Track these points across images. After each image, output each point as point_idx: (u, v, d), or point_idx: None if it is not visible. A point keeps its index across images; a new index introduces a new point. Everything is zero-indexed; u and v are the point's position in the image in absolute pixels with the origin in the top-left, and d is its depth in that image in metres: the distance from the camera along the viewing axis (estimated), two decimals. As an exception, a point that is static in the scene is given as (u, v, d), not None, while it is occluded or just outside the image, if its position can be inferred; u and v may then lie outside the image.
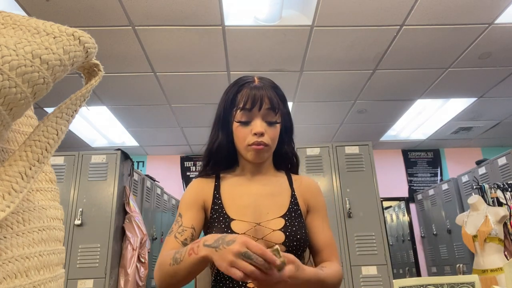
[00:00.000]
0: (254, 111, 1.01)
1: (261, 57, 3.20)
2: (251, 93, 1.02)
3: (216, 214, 1.00)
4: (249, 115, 1.02)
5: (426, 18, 2.77)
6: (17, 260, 0.42)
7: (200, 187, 1.07)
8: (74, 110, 0.47)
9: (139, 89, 3.68)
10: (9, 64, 0.36)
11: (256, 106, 1.01)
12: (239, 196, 1.04)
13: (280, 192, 1.06)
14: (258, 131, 1.00)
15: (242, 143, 1.03)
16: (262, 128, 1.01)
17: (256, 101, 1.01)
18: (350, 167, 3.09)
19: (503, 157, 3.53)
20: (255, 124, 1.01)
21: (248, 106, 1.01)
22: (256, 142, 1.00)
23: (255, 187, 1.06)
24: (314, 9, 2.65)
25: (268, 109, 1.02)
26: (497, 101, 4.15)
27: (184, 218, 1.01)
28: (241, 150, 1.05)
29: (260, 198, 1.03)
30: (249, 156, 1.03)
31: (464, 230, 3.05)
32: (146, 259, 2.96)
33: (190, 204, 1.03)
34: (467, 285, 0.67)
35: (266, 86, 1.05)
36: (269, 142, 1.02)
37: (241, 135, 1.03)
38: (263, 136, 1.01)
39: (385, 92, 3.90)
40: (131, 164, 3.21)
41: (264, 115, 1.02)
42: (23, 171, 0.41)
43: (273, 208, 1.01)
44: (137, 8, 2.58)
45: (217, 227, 0.97)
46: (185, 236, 0.97)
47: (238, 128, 1.03)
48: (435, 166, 5.60)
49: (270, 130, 1.03)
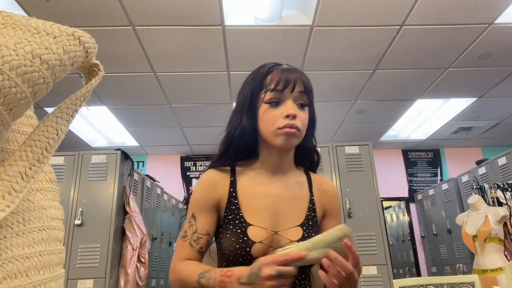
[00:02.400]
0: (286, 93, 0.94)
1: (261, 57, 3.19)
2: (284, 75, 0.95)
3: (232, 216, 0.94)
4: (280, 96, 0.94)
5: (426, 18, 2.77)
6: (17, 260, 0.42)
7: (215, 183, 0.98)
8: (74, 110, 0.47)
9: (139, 89, 3.68)
10: (9, 64, 0.36)
11: (289, 87, 0.93)
12: (258, 197, 0.96)
13: (300, 196, 1.00)
14: (291, 112, 0.91)
15: (270, 126, 0.94)
16: (295, 110, 0.92)
17: (289, 82, 0.93)
18: (350, 167, 3.08)
19: (503, 157, 3.53)
20: (287, 106, 0.93)
21: (280, 87, 0.93)
22: (288, 125, 0.91)
23: (275, 187, 0.98)
24: (314, 9, 2.65)
25: (301, 92, 0.94)
26: (497, 101, 4.15)
27: (199, 222, 0.95)
28: (269, 136, 0.94)
29: (279, 202, 0.96)
30: (278, 141, 0.93)
31: (464, 230, 3.05)
32: (146, 259, 2.96)
33: (204, 204, 0.96)
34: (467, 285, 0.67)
35: (298, 70, 0.99)
36: (301, 126, 0.93)
37: (270, 118, 0.94)
38: (295, 119, 0.92)
39: (385, 92, 3.90)
40: (131, 164, 3.21)
41: (295, 97, 0.94)
42: (23, 171, 0.41)
43: (291, 214, 0.96)
44: (137, 8, 2.58)
45: (232, 231, 0.91)
46: (201, 244, 0.93)
47: (267, 111, 0.94)
48: (435, 166, 5.60)
49: (302, 114, 0.94)
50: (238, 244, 0.89)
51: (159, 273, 3.84)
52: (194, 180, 5.46)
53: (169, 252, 4.26)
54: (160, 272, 3.88)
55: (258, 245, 0.89)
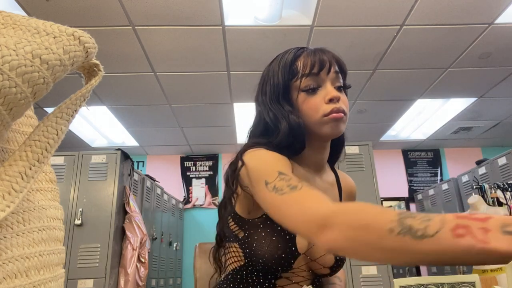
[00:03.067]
0: (322, 76, 0.84)
1: (261, 57, 3.19)
2: (316, 57, 0.84)
3: None
4: (317, 80, 0.84)
5: (426, 18, 2.77)
6: (17, 260, 0.42)
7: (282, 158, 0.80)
8: (74, 110, 0.47)
9: (139, 89, 3.68)
10: (9, 64, 0.36)
11: (325, 69, 0.83)
12: None
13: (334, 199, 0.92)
14: (334, 95, 0.81)
15: (314, 115, 0.82)
16: (336, 93, 0.82)
17: (324, 64, 0.83)
18: (350, 167, 3.08)
19: (503, 157, 3.53)
20: (327, 89, 0.83)
21: (316, 69, 0.83)
22: (335, 109, 0.80)
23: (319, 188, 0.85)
24: (314, 9, 2.65)
25: (337, 73, 0.85)
26: (497, 101, 4.15)
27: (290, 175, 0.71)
28: (314, 125, 0.83)
29: None
30: (327, 130, 0.82)
31: (464, 230, 3.05)
32: (146, 259, 2.96)
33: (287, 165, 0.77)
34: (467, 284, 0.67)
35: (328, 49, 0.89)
36: (346, 110, 0.83)
37: (312, 106, 0.83)
38: (339, 102, 0.82)
39: (385, 92, 3.90)
40: (131, 164, 3.21)
41: (333, 79, 0.85)
42: (23, 171, 0.41)
43: None
44: (137, 8, 2.58)
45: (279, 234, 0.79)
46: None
47: (306, 99, 0.84)
48: (435, 166, 5.60)
49: (343, 97, 0.84)
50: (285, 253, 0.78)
51: (159, 273, 3.84)
52: (194, 180, 5.46)
53: (169, 252, 4.26)
54: (160, 272, 3.88)
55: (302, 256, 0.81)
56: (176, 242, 4.55)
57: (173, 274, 4.42)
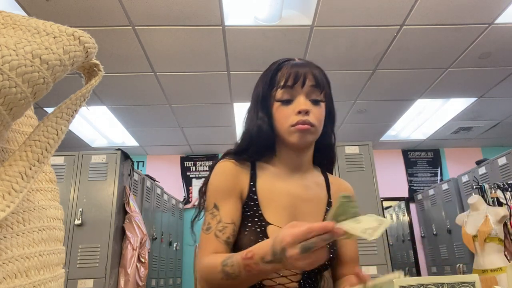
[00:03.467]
0: (297, 88, 0.91)
1: (261, 57, 3.19)
2: (293, 70, 0.92)
3: (251, 213, 0.89)
4: (291, 93, 0.91)
5: (426, 18, 2.77)
6: (17, 260, 0.42)
7: (237, 173, 0.93)
8: (74, 110, 0.47)
9: (139, 89, 3.68)
10: (9, 64, 0.36)
11: (298, 83, 0.90)
12: (278, 195, 0.92)
13: (318, 197, 0.97)
14: (302, 108, 0.89)
15: (284, 124, 0.91)
16: (307, 106, 0.90)
17: (299, 77, 0.90)
18: (350, 167, 3.08)
19: (503, 157, 3.53)
20: (298, 102, 0.90)
21: (290, 82, 0.91)
22: (300, 121, 0.89)
23: (295, 187, 0.94)
24: (314, 9, 2.65)
25: (313, 86, 0.91)
26: (497, 101, 4.15)
27: (223, 211, 0.88)
28: (283, 133, 0.92)
29: (299, 202, 0.93)
30: (292, 139, 0.90)
31: (464, 230, 3.05)
32: (146, 259, 2.96)
33: (227, 193, 0.90)
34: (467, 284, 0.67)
35: (309, 64, 0.95)
36: (315, 122, 0.90)
37: (282, 116, 0.91)
38: (308, 115, 0.89)
39: (385, 92, 3.90)
40: (131, 164, 3.21)
41: (308, 92, 0.91)
42: (23, 171, 0.41)
43: (310, 217, 0.92)
44: (137, 8, 2.58)
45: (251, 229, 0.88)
46: (227, 234, 0.86)
47: (279, 108, 0.92)
48: (435, 166, 5.60)
49: (316, 110, 0.91)
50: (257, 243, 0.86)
51: (159, 273, 3.84)
52: (194, 180, 5.46)
53: (169, 252, 4.26)
54: (160, 272, 3.89)
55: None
56: (176, 242, 4.55)
57: (173, 274, 4.42)
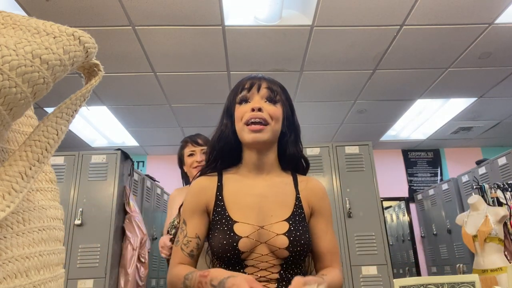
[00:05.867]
0: (253, 91, 1.02)
1: (261, 57, 3.19)
2: (251, 78, 1.05)
3: (219, 217, 0.97)
4: (247, 95, 1.02)
5: (426, 18, 2.77)
6: (17, 260, 0.42)
7: (203, 189, 1.03)
8: (74, 110, 0.47)
9: (139, 89, 3.68)
10: (9, 64, 0.36)
11: (254, 86, 1.01)
12: (243, 197, 1.00)
13: (285, 193, 1.02)
14: (255, 106, 0.98)
15: (239, 123, 1.00)
16: (260, 104, 0.99)
17: (255, 82, 1.02)
18: (350, 167, 3.08)
19: (503, 157, 3.53)
20: (253, 101, 1.01)
21: (247, 85, 1.02)
22: (252, 116, 0.97)
23: (259, 187, 1.01)
24: (314, 9, 2.65)
25: (267, 88, 1.02)
26: (497, 101, 4.15)
27: (188, 226, 0.99)
28: (240, 133, 1.01)
29: (264, 200, 0.99)
30: (246, 136, 0.98)
31: (464, 230, 3.05)
32: (146, 259, 2.96)
33: (193, 210, 1.01)
34: (467, 284, 0.67)
35: (265, 76, 1.07)
36: (268, 118, 0.98)
37: (239, 115, 1.01)
38: (261, 112, 0.98)
39: (385, 92, 3.90)
40: (131, 164, 3.21)
41: (263, 95, 1.02)
42: (23, 171, 0.41)
43: (277, 210, 0.97)
44: (137, 8, 2.58)
45: (219, 230, 0.95)
46: (190, 248, 0.97)
47: (238, 109, 1.02)
48: (435, 166, 5.60)
49: (270, 107, 1.00)
50: (226, 240, 0.92)
51: (159, 273, 3.84)
52: (194, 180, 5.46)
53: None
54: (160, 272, 3.88)
55: (245, 239, 0.92)
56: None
57: (173, 274, 4.41)
